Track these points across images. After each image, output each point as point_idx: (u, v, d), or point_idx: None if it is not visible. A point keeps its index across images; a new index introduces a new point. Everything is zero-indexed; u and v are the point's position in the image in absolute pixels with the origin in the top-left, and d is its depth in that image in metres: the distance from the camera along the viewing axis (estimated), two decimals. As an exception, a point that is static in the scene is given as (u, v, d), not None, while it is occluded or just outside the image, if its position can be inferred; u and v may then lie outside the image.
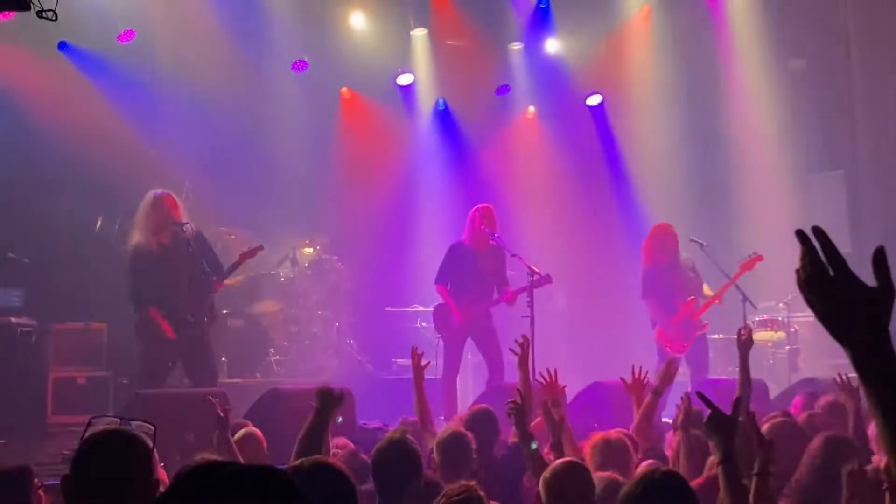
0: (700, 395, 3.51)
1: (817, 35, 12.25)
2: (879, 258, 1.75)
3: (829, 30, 12.14)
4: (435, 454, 5.18)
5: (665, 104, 12.91)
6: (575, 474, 3.86)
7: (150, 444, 2.83)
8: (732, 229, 12.17)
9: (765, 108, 12.57)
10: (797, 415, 6.17)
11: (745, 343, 6.10)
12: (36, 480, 3.92)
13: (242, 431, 5.88)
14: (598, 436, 5.23)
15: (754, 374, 10.39)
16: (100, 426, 2.97)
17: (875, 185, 11.92)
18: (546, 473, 3.86)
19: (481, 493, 3.72)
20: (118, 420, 3.13)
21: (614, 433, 5.30)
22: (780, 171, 12.62)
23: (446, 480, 4.69)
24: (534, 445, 4.71)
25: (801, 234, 1.77)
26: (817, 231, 1.77)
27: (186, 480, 1.44)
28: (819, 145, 12.52)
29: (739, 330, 6.27)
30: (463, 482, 3.83)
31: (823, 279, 1.75)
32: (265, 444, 5.88)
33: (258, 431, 5.93)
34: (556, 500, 3.75)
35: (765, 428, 5.31)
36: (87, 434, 2.90)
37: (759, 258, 9.66)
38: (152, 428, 2.93)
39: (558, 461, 4.04)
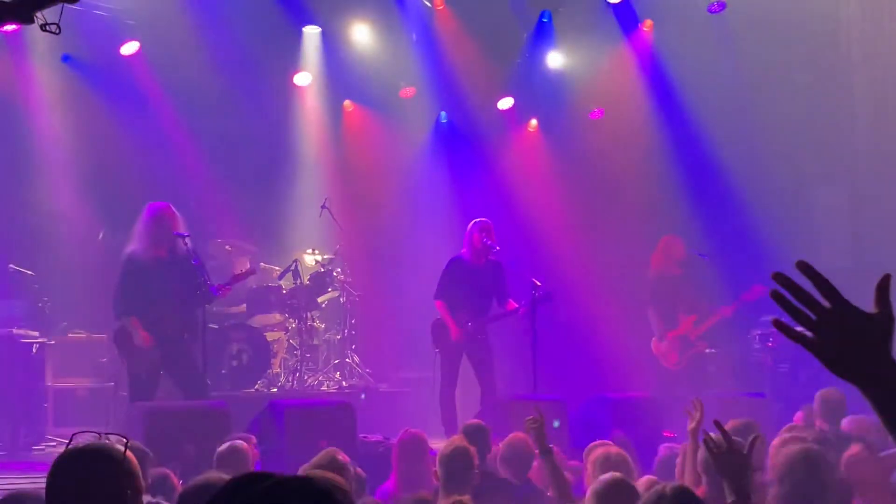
0: (717, 424, 3.44)
1: (822, 49, 12.26)
2: (884, 284, 1.67)
3: (834, 43, 12.15)
4: (438, 468, 5.18)
5: (667, 117, 12.92)
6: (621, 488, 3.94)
7: (128, 459, 2.75)
8: (735, 242, 12.16)
9: (768, 120, 12.56)
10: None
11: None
12: None
13: (226, 445, 5.78)
14: (598, 451, 5.23)
15: (756, 387, 10.42)
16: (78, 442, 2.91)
17: (877, 199, 11.91)
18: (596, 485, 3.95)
19: None
20: (98, 435, 3.06)
21: (614, 448, 5.30)
22: (782, 183, 12.61)
23: (448, 493, 4.70)
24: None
25: (780, 277, 1.66)
26: (803, 266, 1.66)
27: (231, 491, 1.45)
28: (822, 158, 12.51)
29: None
30: (455, 497, 3.86)
31: (830, 317, 1.63)
32: (251, 458, 5.79)
33: (244, 445, 5.84)
34: None
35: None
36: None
37: (763, 290, 9.70)
38: (125, 441, 2.85)
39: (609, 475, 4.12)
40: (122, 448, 2.76)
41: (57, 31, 7.61)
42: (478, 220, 9.27)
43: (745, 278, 10.52)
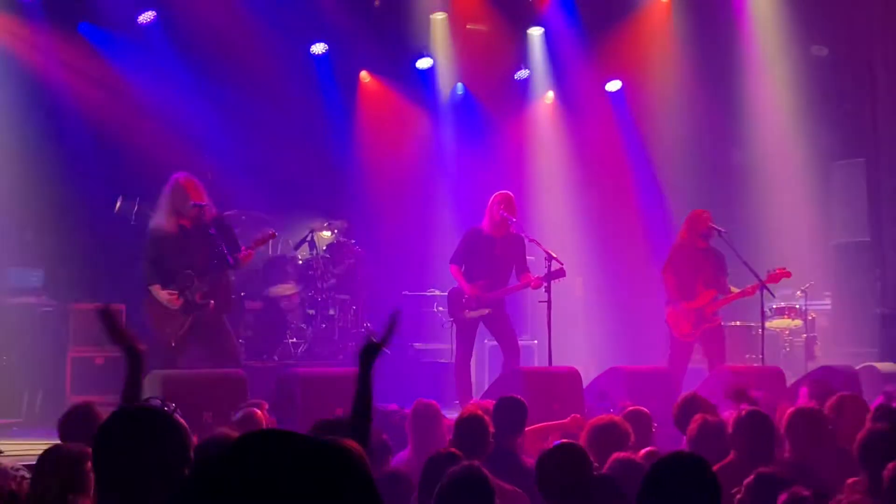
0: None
1: (839, 21, 12.15)
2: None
3: (852, 16, 12.04)
4: (452, 435, 5.23)
5: (685, 90, 12.85)
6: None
7: (183, 424, 2.68)
8: (753, 217, 12.13)
9: (786, 94, 12.48)
10: (805, 405, 6.11)
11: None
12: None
13: (241, 413, 5.83)
14: (591, 421, 5.28)
15: (771, 361, 10.41)
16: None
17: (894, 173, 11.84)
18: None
19: (485, 472, 3.76)
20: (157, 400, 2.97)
21: (608, 418, 5.34)
22: (800, 158, 12.55)
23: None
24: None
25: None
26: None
27: (252, 445, 1.40)
28: (840, 133, 12.44)
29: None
30: (466, 462, 3.88)
31: None
32: (266, 426, 5.83)
33: (258, 412, 5.88)
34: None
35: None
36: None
37: (787, 274, 9.52)
38: (173, 406, 2.78)
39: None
40: (171, 412, 2.69)
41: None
42: (499, 192, 9.27)
43: (764, 256, 10.50)
